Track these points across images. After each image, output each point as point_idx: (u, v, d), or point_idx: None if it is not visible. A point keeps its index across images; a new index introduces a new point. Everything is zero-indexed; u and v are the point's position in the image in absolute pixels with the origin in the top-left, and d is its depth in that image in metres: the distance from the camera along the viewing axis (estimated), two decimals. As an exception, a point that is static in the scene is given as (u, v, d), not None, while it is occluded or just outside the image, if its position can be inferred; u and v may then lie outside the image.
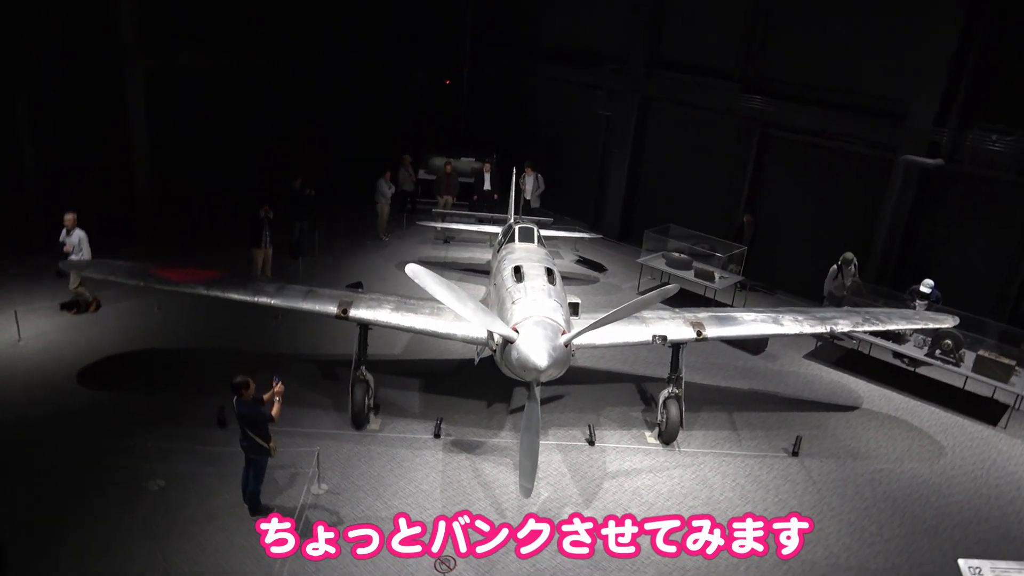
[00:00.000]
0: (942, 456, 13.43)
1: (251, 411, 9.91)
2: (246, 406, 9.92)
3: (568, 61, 24.23)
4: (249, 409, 9.91)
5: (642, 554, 10.34)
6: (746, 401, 14.75)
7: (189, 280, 12.98)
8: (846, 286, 16.76)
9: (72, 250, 14.77)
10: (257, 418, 9.91)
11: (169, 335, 15.46)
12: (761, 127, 19.82)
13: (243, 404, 9.92)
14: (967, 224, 17.03)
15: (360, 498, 11.10)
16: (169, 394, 13.36)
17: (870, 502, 11.99)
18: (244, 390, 9.89)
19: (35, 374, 13.65)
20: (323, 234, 20.52)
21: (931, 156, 16.64)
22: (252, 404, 9.94)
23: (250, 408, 9.91)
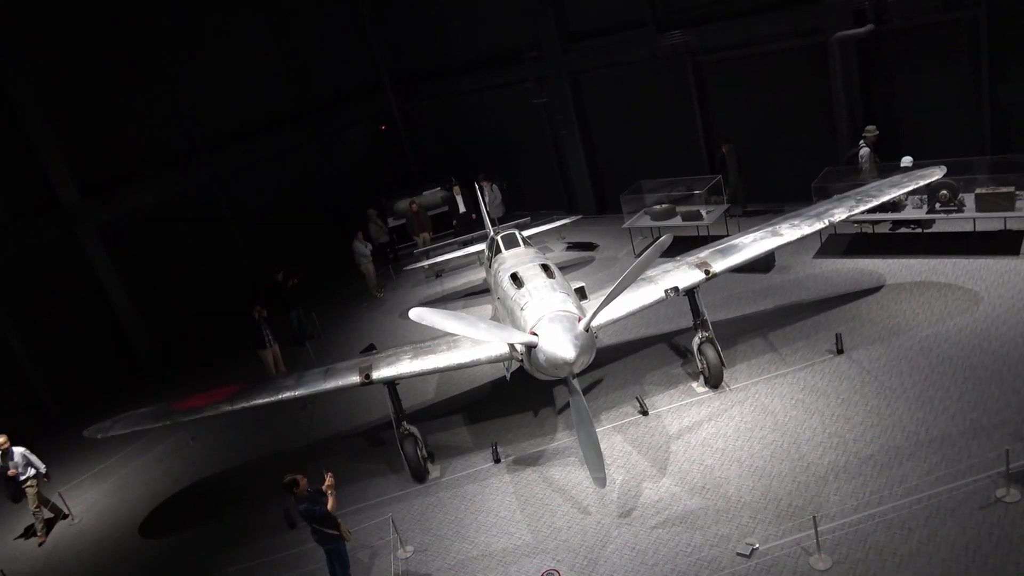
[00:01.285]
0: (979, 302, 13.39)
1: (309, 506, 9.80)
2: (303, 501, 9.82)
3: (488, 67, 24.32)
4: (307, 504, 9.81)
5: (731, 500, 10.31)
6: (775, 319, 14.71)
7: (211, 403, 12.98)
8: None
9: (18, 471, 13.87)
10: (316, 511, 9.80)
11: (211, 462, 15.43)
12: (689, 57, 19.87)
13: (300, 500, 9.84)
14: (919, 76, 17.03)
15: (447, 547, 11.07)
16: (232, 517, 13.33)
17: (928, 371, 11.95)
18: (296, 488, 9.82)
19: (99, 547, 13.63)
20: (320, 313, 20.55)
21: (860, 25, 16.65)
22: (309, 498, 9.84)
23: (308, 502, 9.82)
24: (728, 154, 19.25)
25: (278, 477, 13.42)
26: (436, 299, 20.47)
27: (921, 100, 17.08)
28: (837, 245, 16.96)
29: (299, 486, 9.81)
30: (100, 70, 19.93)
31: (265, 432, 15.83)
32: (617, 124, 22.34)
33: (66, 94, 19.21)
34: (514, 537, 10.85)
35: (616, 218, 21.42)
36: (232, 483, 14.52)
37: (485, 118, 25.52)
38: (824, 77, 17.72)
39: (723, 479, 10.80)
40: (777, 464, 10.81)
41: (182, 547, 12.92)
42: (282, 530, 12.36)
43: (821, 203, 14.76)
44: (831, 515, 9.60)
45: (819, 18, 17.18)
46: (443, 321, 10.03)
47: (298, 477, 9.85)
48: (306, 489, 9.87)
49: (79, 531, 14.27)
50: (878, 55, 17.19)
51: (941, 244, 15.57)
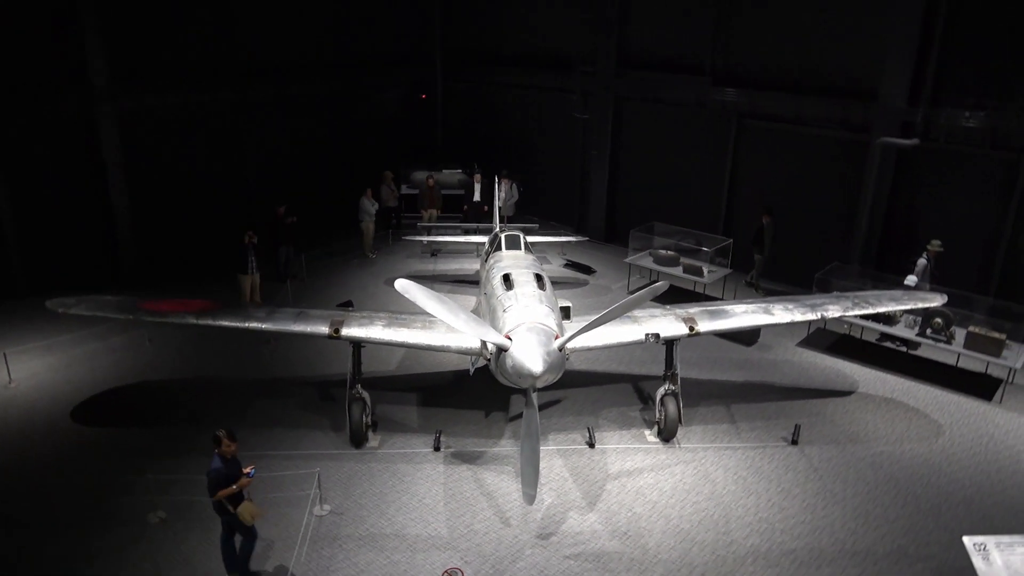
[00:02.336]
0: (941, 434, 13.51)
1: (221, 469, 9.21)
2: (220, 459, 9.25)
3: (539, 67, 24.41)
4: (221, 463, 9.23)
5: (649, 553, 10.39)
6: (743, 393, 14.80)
7: (178, 311, 12.91)
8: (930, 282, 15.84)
9: None
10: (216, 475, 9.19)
11: (162, 367, 15.38)
12: (736, 118, 19.97)
13: (218, 458, 9.26)
14: (946, 200, 17.18)
15: (363, 517, 11.07)
16: (166, 426, 13.30)
17: (872, 485, 12.04)
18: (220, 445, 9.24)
19: (29, 416, 13.56)
20: (309, 257, 20.50)
21: (906, 136, 16.79)
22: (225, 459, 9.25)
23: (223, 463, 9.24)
24: (767, 226, 18.93)
25: (222, 402, 13.45)
26: (426, 276, 20.46)
27: (943, 223, 17.21)
28: (822, 340, 17.07)
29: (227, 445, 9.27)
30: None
31: (223, 357, 15.77)
32: (647, 160, 22.41)
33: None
34: (431, 527, 10.86)
35: (620, 250, 21.49)
36: (175, 394, 14.45)
37: (522, 116, 25.54)
38: (857, 175, 17.84)
39: (646, 530, 10.86)
40: (702, 532, 10.88)
41: (108, 440, 12.86)
42: (209, 453, 12.24)
43: (820, 295, 14.86)
44: (739, 596, 9.66)
45: (870, 118, 17.31)
46: (425, 300, 10.02)
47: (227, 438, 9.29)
48: (230, 454, 9.34)
49: (13, 396, 14.19)
50: (914, 168, 17.32)
51: (921, 369, 15.68)
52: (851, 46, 17.78)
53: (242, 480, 9.30)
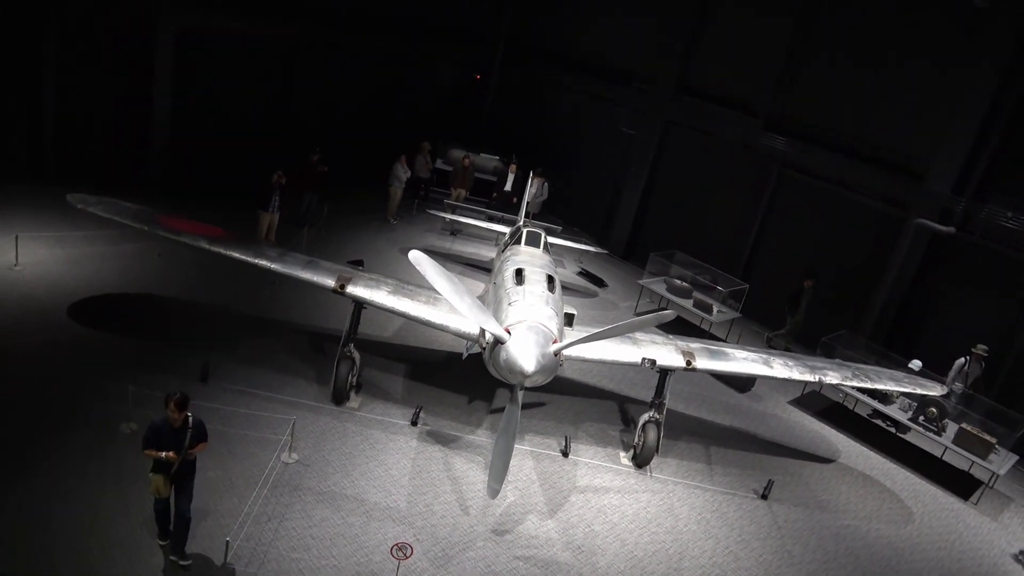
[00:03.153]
0: (910, 522, 13.45)
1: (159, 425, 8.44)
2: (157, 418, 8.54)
3: (597, 75, 24.36)
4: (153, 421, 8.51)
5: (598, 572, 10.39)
6: (725, 437, 14.76)
7: (193, 232, 13.00)
8: (969, 381, 15.49)
9: None
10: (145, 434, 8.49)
11: (166, 284, 15.47)
12: (779, 166, 19.88)
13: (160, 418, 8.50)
14: (969, 292, 17.06)
15: (328, 473, 11.12)
16: (157, 342, 13.38)
17: (831, 555, 12.00)
18: (175, 407, 8.36)
19: (27, 301, 13.66)
20: (332, 209, 20.53)
21: (944, 223, 16.68)
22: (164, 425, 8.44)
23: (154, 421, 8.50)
24: (807, 290, 18.27)
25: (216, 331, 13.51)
26: (440, 253, 20.47)
27: (959, 313, 17.10)
28: (814, 403, 17.00)
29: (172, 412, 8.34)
30: None
31: (227, 287, 15.82)
32: (682, 187, 22.34)
33: None
34: (391, 498, 10.90)
35: (636, 270, 21.46)
36: (172, 313, 14.55)
37: (570, 118, 25.50)
38: (886, 249, 17.72)
39: (600, 550, 10.86)
40: (655, 564, 10.87)
41: (97, 343, 12.94)
42: (193, 378, 12.40)
43: (822, 359, 14.80)
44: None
45: (912, 196, 17.19)
46: (435, 276, 10.03)
47: (175, 406, 8.35)
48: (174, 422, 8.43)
49: (15, 279, 14.30)
50: (944, 255, 17.20)
51: (906, 453, 15.59)
52: (909, 122, 17.65)
53: (169, 453, 8.42)
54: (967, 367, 15.56)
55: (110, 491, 9.87)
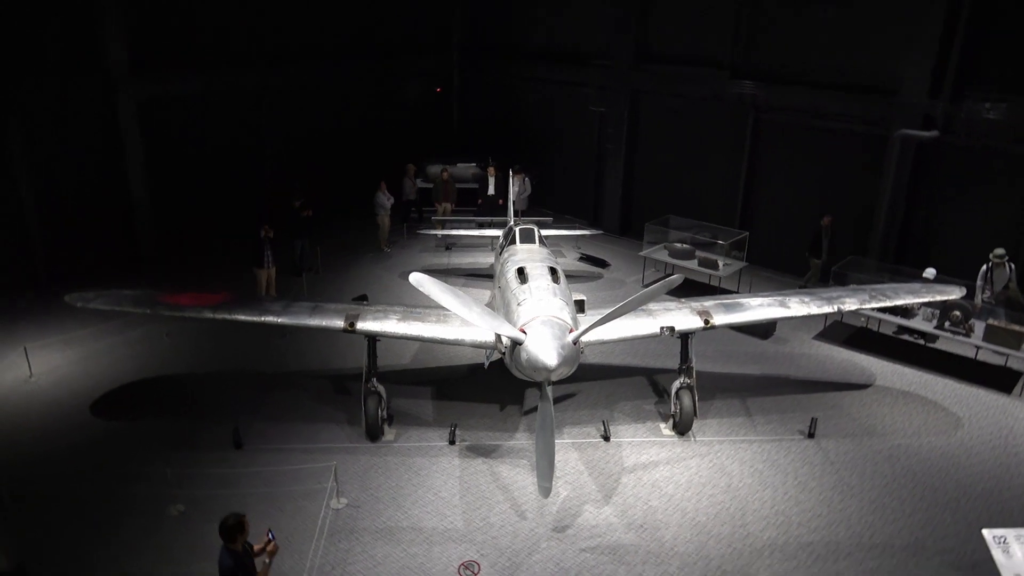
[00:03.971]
0: (959, 428, 13.40)
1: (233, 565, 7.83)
2: (230, 557, 7.83)
3: (556, 61, 24.34)
4: (233, 562, 7.82)
5: (665, 546, 10.38)
6: (759, 386, 14.73)
7: (195, 305, 13.00)
8: (997, 289, 15.26)
9: None
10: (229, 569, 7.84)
11: (180, 361, 15.51)
12: (754, 112, 19.83)
13: (228, 555, 7.83)
14: (967, 194, 16.99)
15: (380, 510, 11.12)
16: (184, 419, 13.39)
17: (890, 478, 11.96)
18: (238, 535, 7.85)
19: (50, 409, 13.70)
20: (325, 250, 20.58)
21: (926, 129, 16.62)
22: (237, 556, 7.87)
23: (234, 561, 7.83)
24: (825, 229, 18.00)
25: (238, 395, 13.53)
26: (440, 270, 20.50)
27: (962, 218, 17.03)
28: (839, 333, 16.95)
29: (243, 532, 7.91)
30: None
31: (239, 349, 15.87)
32: (663, 153, 22.31)
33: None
34: (447, 520, 10.90)
35: (635, 243, 21.43)
36: (192, 388, 14.56)
37: (538, 109, 25.49)
38: (876, 169, 17.67)
39: (662, 523, 10.85)
40: (718, 525, 10.85)
41: (127, 433, 12.98)
42: (227, 447, 12.42)
43: (836, 288, 14.75)
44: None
45: (890, 111, 17.13)
46: (440, 293, 10.03)
47: (244, 520, 7.91)
48: (243, 543, 7.98)
49: (34, 390, 14.34)
50: (933, 162, 17.14)
51: (939, 362, 15.55)
52: (871, 39, 17.59)
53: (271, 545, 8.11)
54: (990, 274, 15.36)
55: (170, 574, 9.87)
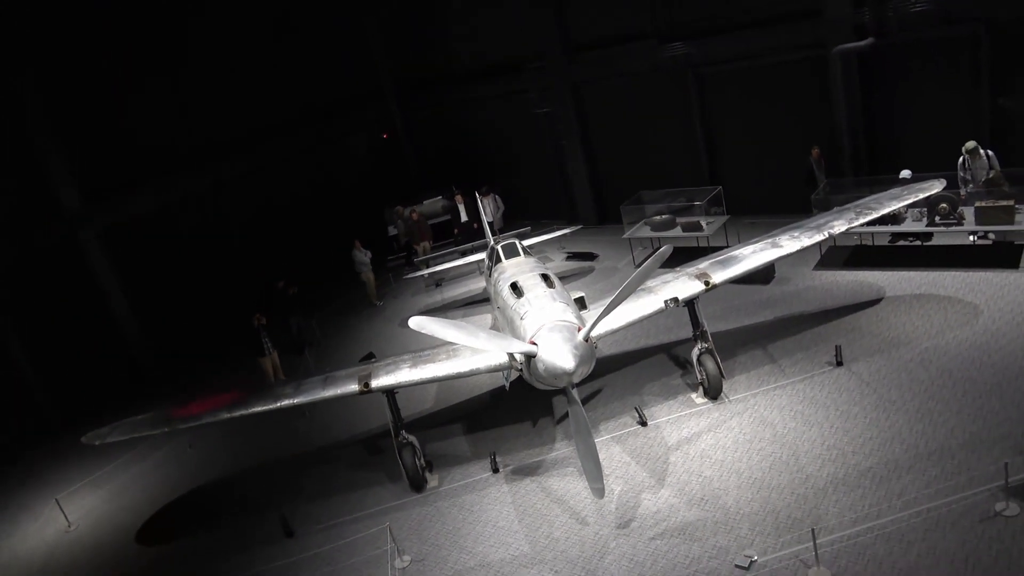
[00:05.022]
0: (979, 315, 13.39)
1: None
2: None
3: (490, 75, 24.49)
4: None
5: (730, 512, 10.31)
6: (775, 330, 14.70)
7: (209, 410, 12.96)
8: (979, 179, 15.18)
9: None
10: None
11: (209, 469, 15.39)
12: (691, 70, 19.95)
13: None
14: (919, 89, 17.10)
15: (444, 557, 11.02)
16: (229, 525, 13.30)
17: (927, 383, 11.93)
18: None
19: (97, 554, 13.56)
20: (319, 321, 20.54)
21: (862, 38, 16.72)
22: None
23: None
24: (816, 160, 17.97)
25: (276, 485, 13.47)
26: (436, 308, 20.48)
27: (921, 114, 17.14)
28: (837, 257, 16.98)
29: None
30: (103, 75, 20.05)
31: (264, 439, 15.80)
32: (619, 135, 22.42)
33: (69, 98, 19.30)
34: (512, 547, 10.81)
35: (616, 228, 21.46)
36: (230, 490, 14.47)
37: (487, 127, 25.64)
38: (825, 90, 17.77)
39: (721, 490, 10.78)
40: (776, 476, 10.79)
41: (178, 554, 12.87)
42: (278, 538, 12.32)
43: (821, 215, 14.78)
44: (830, 528, 9.57)
45: (820, 31, 17.28)
46: (443, 330, 10.02)
47: None
48: None
49: (75, 538, 14.22)
50: (879, 69, 17.26)
51: (941, 257, 15.58)
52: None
53: None
54: (966, 163, 15.35)
55: None
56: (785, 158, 19.15)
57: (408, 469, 12.54)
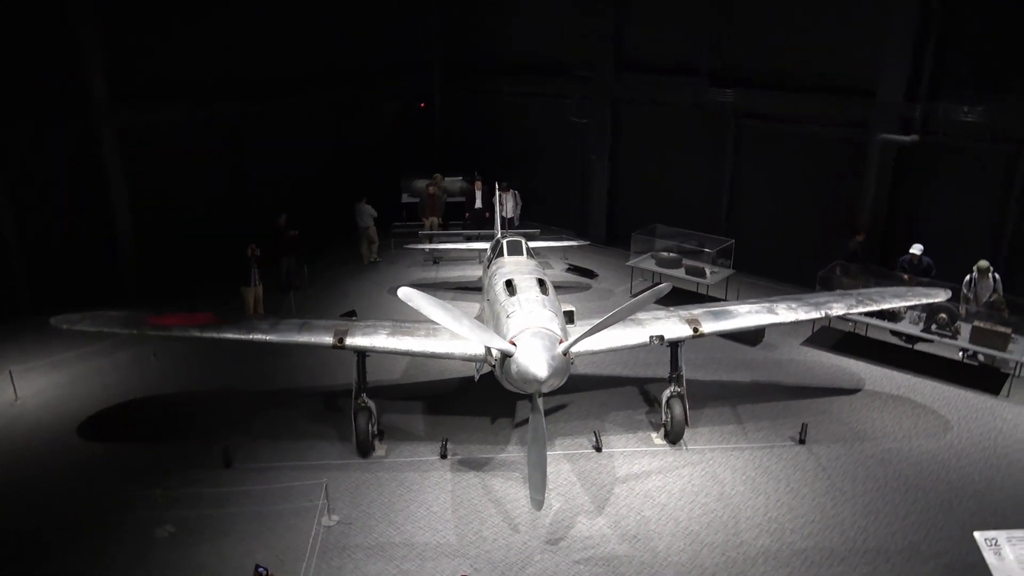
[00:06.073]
0: (948, 430, 13.46)
1: None
2: None
3: (537, 74, 24.43)
4: None
5: (659, 556, 10.36)
6: (749, 393, 14.75)
7: (183, 325, 12.93)
8: (982, 300, 15.21)
9: None
10: None
11: (167, 382, 15.38)
12: (734, 118, 19.97)
13: None
14: (948, 195, 17.16)
15: (372, 526, 11.04)
16: (172, 440, 13.29)
17: (882, 482, 12.00)
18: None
19: (36, 433, 13.55)
20: (311, 268, 20.50)
21: (905, 132, 16.78)
22: None
23: None
24: (859, 245, 17.52)
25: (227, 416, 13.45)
26: (428, 284, 20.47)
27: (943, 217, 17.19)
28: (827, 338, 17.03)
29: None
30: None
31: (227, 368, 15.77)
32: (646, 162, 22.42)
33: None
34: (439, 534, 10.84)
35: (622, 253, 21.49)
36: (180, 408, 14.44)
37: (519, 123, 25.57)
38: (857, 171, 17.82)
39: (656, 533, 10.82)
40: (711, 533, 10.84)
41: (115, 455, 12.84)
42: (217, 466, 12.32)
43: (823, 293, 14.83)
44: (750, 597, 9.62)
45: (869, 114, 17.30)
46: (429, 307, 10.02)
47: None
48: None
49: (19, 413, 14.19)
50: (914, 164, 17.31)
51: (927, 364, 15.64)
52: (847, 42, 17.78)
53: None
54: (974, 284, 15.32)
55: (163, 598, 9.77)
56: (802, 227, 19.20)
57: (360, 432, 12.54)
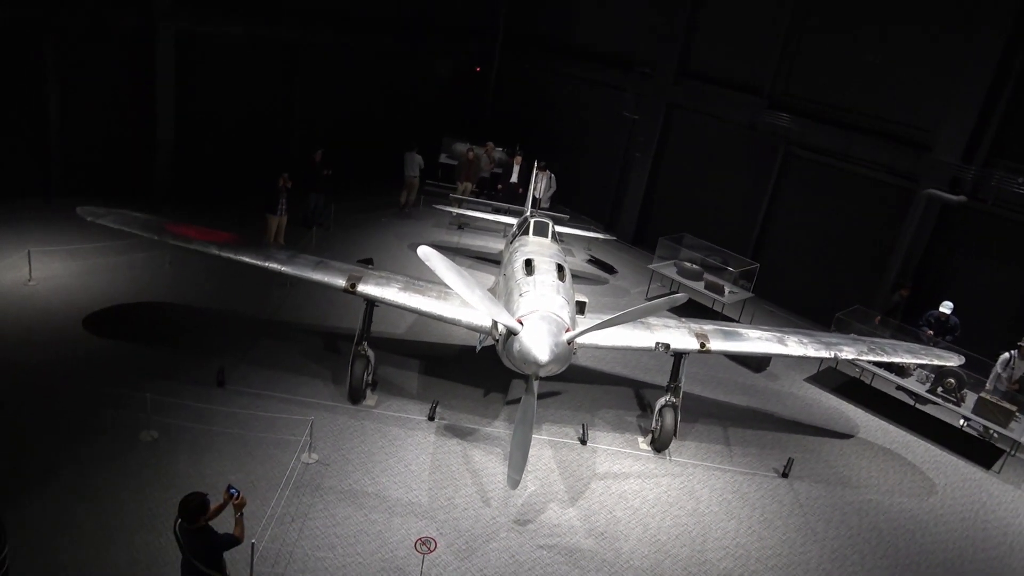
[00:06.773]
0: (933, 493, 13.39)
1: (204, 542, 7.52)
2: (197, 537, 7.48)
3: (597, 62, 24.27)
4: (201, 541, 7.50)
5: (622, 557, 10.42)
6: (742, 418, 14.73)
7: (203, 239, 13.05)
8: (1015, 378, 14.82)
9: None
10: (214, 548, 7.58)
11: (177, 292, 15.55)
12: (785, 144, 19.75)
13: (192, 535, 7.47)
14: (983, 262, 16.92)
15: (349, 472, 11.17)
16: (172, 349, 13.47)
17: (855, 531, 11.97)
18: (199, 516, 7.42)
19: (42, 316, 13.77)
20: (339, 209, 20.58)
21: (954, 192, 16.52)
22: (203, 533, 7.52)
23: (202, 539, 7.50)
24: (903, 300, 17.23)
25: (229, 337, 13.58)
26: (449, 248, 20.49)
27: (976, 284, 16.94)
28: (831, 379, 16.94)
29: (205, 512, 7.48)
30: None
31: (238, 292, 15.90)
32: (688, 170, 22.25)
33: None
34: (412, 493, 10.94)
35: (646, 255, 21.41)
36: (185, 320, 14.63)
37: (570, 107, 25.44)
38: (896, 222, 17.60)
39: (623, 535, 10.88)
40: (678, 547, 10.88)
41: (113, 352, 13.04)
42: (209, 383, 12.48)
43: (836, 335, 14.73)
44: (703, 615, 9.67)
45: (920, 166, 17.05)
46: (445, 270, 10.03)
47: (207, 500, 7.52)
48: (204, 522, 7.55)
49: (30, 293, 14.42)
50: (955, 224, 17.06)
51: (924, 424, 15.53)
52: (913, 93, 17.48)
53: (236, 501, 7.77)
54: (1012, 362, 14.93)
55: (133, 499, 9.94)
56: (830, 265, 19.01)
57: (354, 379, 12.65)
